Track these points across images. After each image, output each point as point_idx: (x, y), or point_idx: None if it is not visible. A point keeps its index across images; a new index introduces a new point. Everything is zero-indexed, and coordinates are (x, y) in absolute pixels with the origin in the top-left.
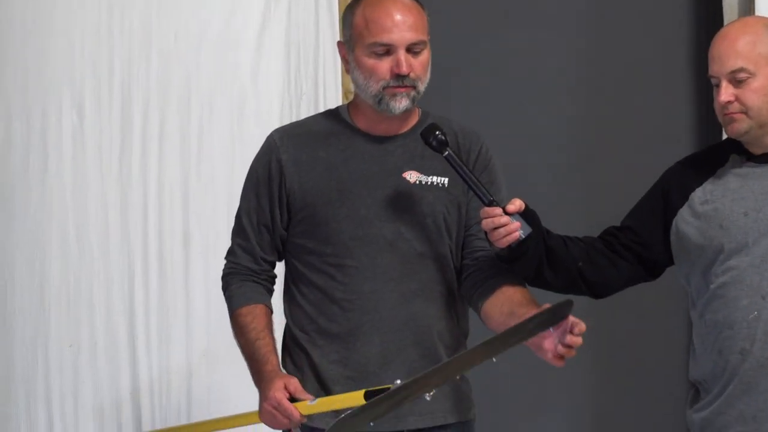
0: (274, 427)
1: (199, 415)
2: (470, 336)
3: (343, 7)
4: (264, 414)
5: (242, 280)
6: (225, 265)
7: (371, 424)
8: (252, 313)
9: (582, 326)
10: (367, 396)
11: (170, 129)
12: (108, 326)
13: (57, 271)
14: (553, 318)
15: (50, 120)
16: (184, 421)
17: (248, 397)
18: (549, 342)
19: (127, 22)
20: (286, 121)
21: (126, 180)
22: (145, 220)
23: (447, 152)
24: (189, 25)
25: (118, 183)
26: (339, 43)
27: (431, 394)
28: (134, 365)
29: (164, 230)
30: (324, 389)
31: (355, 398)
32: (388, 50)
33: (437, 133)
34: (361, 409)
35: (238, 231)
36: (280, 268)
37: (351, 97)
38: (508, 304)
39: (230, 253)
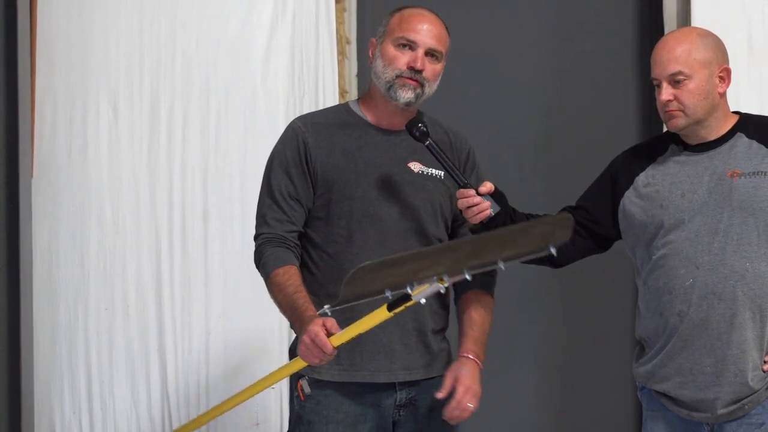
0: (309, 361)
1: (217, 368)
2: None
3: (341, 21)
4: (301, 346)
5: (276, 246)
6: (257, 242)
7: (389, 292)
8: (288, 272)
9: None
10: (390, 308)
11: (192, 122)
12: (138, 292)
13: (95, 244)
14: (553, 230)
15: (90, 114)
16: (203, 374)
17: (259, 354)
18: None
19: (156, 30)
20: (292, 116)
21: (154, 165)
22: (170, 200)
23: (428, 141)
24: (208, 33)
25: (147, 168)
26: (371, 40)
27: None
28: (160, 326)
29: (186, 209)
30: None
31: (379, 315)
32: (411, 47)
33: (419, 125)
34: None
35: (270, 206)
36: None
37: (347, 96)
38: (464, 323)
39: (262, 225)
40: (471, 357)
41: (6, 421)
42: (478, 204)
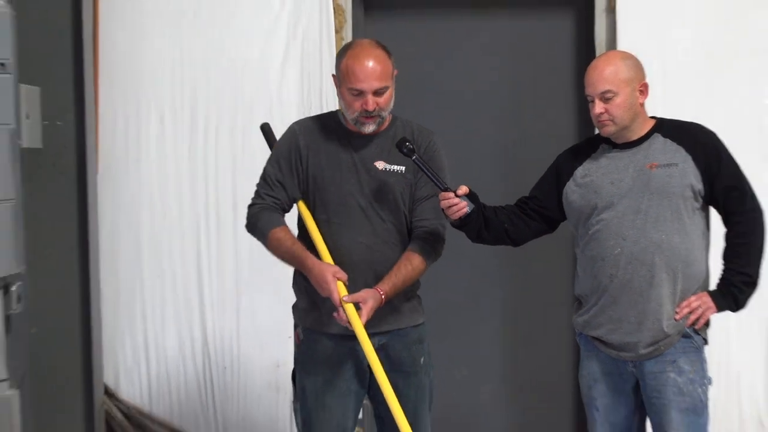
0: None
1: (246, 323)
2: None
3: (340, 49)
4: (318, 287)
5: (271, 211)
6: (251, 207)
7: None
8: (283, 230)
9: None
10: None
11: (223, 128)
12: (182, 265)
13: (147, 227)
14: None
15: (141, 122)
16: (234, 328)
17: (278, 314)
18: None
19: (193, 55)
20: None
21: (193, 164)
22: (206, 193)
23: (414, 157)
24: (236, 57)
25: (188, 167)
26: (333, 76)
27: None
28: (200, 291)
29: (220, 200)
30: (314, 301)
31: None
32: (361, 93)
33: (407, 143)
34: None
35: (262, 185)
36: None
37: None
38: (393, 269)
39: (256, 198)
40: (380, 293)
41: (81, 369)
42: (456, 204)
